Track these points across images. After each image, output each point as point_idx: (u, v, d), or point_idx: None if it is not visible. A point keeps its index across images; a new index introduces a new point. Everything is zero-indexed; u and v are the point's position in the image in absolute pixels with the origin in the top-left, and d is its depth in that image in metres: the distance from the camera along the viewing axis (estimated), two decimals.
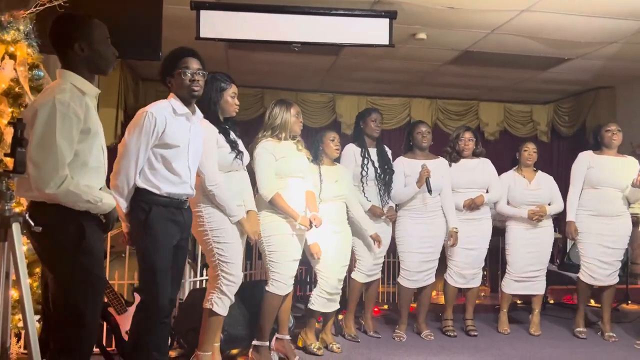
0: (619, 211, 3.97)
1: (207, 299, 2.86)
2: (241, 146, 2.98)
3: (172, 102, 2.51)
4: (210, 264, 2.92)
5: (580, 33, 4.53)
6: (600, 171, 3.97)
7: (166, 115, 2.45)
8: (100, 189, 2.08)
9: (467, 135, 4.12)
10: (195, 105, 2.60)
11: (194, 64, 2.52)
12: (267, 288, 3.19)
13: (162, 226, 2.42)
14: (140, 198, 2.42)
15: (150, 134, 2.39)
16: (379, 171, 3.85)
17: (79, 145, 1.93)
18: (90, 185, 1.98)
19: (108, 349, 3.06)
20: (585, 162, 4.04)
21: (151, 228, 2.40)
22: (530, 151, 4.20)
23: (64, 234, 1.89)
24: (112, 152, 2.38)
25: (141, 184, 2.42)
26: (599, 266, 3.99)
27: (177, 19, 3.97)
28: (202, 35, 3.70)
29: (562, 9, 4.00)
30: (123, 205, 2.41)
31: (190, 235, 2.74)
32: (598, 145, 4.10)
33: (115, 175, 2.41)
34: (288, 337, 3.37)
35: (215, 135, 2.84)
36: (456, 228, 3.92)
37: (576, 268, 4.27)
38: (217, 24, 3.73)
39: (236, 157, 2.88)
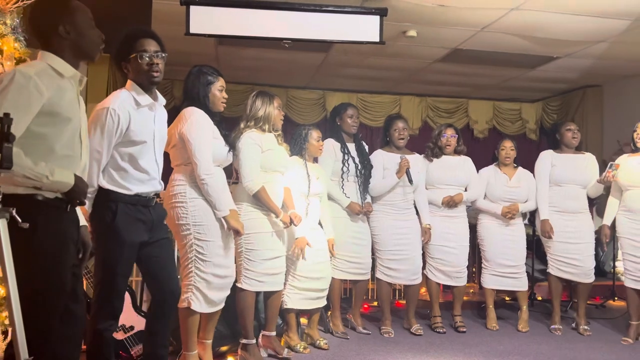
0: (581, 208, 4.08)
1: (182, 299, 2.71)
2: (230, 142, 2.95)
3: (133, 93, 2.30)
4: (183, 259, 2.78)
5: (568, 32, 4.57)
6: (563, 169, 4.06)
7: (129, 109, 2.27)
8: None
9: (449, 132, 4.16)
10: (156, 91, 2.41)
11: (151, 46, 2.31)
12: (238, 285, 3.11)
13: (128, 228, 2.28)
14: (106, 198, 2.27)
15: (114, 132, 2.23)
16: (359, 167, 3.84)
17: (44, 127, 1.79)
18: (40, 163, 1.77)
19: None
20: (548, 160, 4.13)
21: (116, 231, 2.26)
22: (507, 150, 4.24)
23: (18, 231, 1.68)
24: None
25: (106, 186, 2.27)
26: (567, 262, 4.08)
27: (166, 15, 3.95)
28: (191, 31, 3.67)
29: (551, 7, 4.03)
30: (86, 205, 2.23)
31: (164, 228, 2.54)
32: (557, 144, 4.15)
33: None
34: (274, 333, 3.33)
35: (211, 127, 2.79)
36: (429, 224, 3.96)
37: None
38: (207, 20, 3.70)
39: (229, 151, 2.84)
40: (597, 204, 5.01)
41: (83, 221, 2.12)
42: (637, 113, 5.90)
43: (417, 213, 4.03)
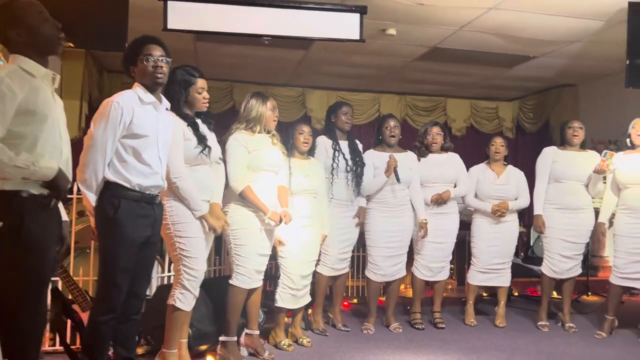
0: (583, 204, 4.08)
1: (171, 295, 2.82)
2: (211, 141, 2.92)
3: (138, 91, 2.44)
4: (172, 258, 2.87)
5: (545, 32, 4.64)
6: (564, 165, 4.08)
7: (133, 104, 2.37)
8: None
9: (435, 129, 4.18)
10: (161, 94, 2.54)
11: (156, 51, 2.45)
12: (230, 281, 3.16)
13: (131, 223, 2.35)
14: (110, 192, 2.34)
15: (118, 124, 2.31)
16: (350, 163, 3.86)
17: (24, 127, 1.86)
18: (21, 154, 1.86)
19: (72, 347, 2.98)
20: (549, 157, 4.14)
21: (119, 225, 2.32)
22: (497, 145, 4.27)
23: (3, 225, 1.81)
24: (76, 146, 2.30)
25: (111, 177, 2.34)
26: (560, 260, 4.10)
27: (143, 9, 3.88)
28: (169, 26, 3.62)
29: (528, 7, 4.08)
30: (92, 199, 2.34)
31: (160, 230, 2.67)
32: (562, 141, 4.21)
33: (82, 169, 2.32)
34: (257, 332, 3.35)
35: (182, 128, 2.79)
36: (425, 220, 3.97)
37: (540, 261, 4.38)
38: (185, 15, 3.66)
39: (202, 151, 2.83)
40: None
41: (64, 216, 2.18)
42: (612, 112, 6.05)
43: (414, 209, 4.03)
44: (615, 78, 6.08)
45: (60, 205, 2.14)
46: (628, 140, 3.97)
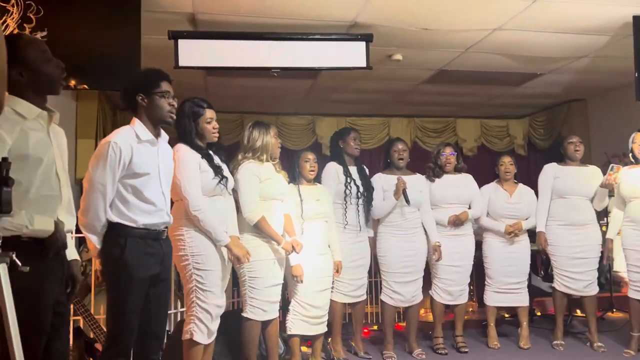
0: (587, 220, 4.07)
1: (185, 330, 2.77)
2: (226, 171, 2.97)
3: (137, 128, 2.37)
4: (186, 290, 2.83)
5: (551, 49, 4.67)
6: (566, 180, 4.08)
7: (131, 142, 2.31)
8: (56, 219, 1.93)
9: (448, 150, 4.19)
10: (160, 128, 2.48)
11: (171, 90, 2.42)
12: (244, 314, 3.14)
13: (139, 262, 2.29)
14: (115, 232, 2.28)
15: (117, 165, 2.26)
16: (361, 189, 3.87)
17: (15, 173, 1.69)
18: (19, 212, 1.77)
19: None
20: (550, 173, 4.15)
21: (126, 265, 2.26)
22: (506, 165, 4.27)
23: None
24: None
25: (115, 219, 2.28)
26: (573, 277, 4.06)
27: (155, 49, 3.99)
28: (180, 64, 3.72)
29: (532, 26, 4.13)
30: (96, 241, 2.28)
31: (171, 265, 2.65)
32: (562, 157, 4.21)
33: (83, 212, 2.28)
34: None
35: (197, 160, 2.83)
36: (439, 242, 3.95)
37: None
38: (195, 53, 3.75)
39: (220, 182, 2.86)
40: None
41: (73, 255, 2.11)
42: (622, 125, 6.02)
43: (426, 232, 4.01)
44: (625, 91, 6.08)
45: (70, 243, 2.07)
46: (631, 155, 3.96)
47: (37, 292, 1.84)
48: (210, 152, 2.96)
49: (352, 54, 3.91)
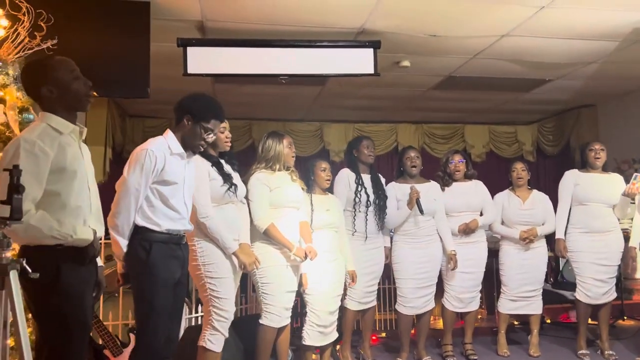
0: (609, 227, 4.00)
1: (201, 337, 2.84)
2: (236, 179, 3.00)
3: (170, 141, 2.51)
4: (203, 299, 2.90)
5: (559, 55, 4.66)
6: (587, 187, 4.02)
7: (165, 152, 2.46)
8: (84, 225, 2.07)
9: (457, 157, 4.17)
10: None
11: (216, 129, 2.58)
12: (260, 321, 3.17)
13: (164, 264, 2.38)
14: (140, 236, 2.38)
15: (151, 171, 2.39)
16: (373, 197, 3.86)
17: (55, 185, 1.94)
18: (63, 221, 1.96)
19: None
20: (571, 180, 4.10)
21: (153, 267, 2.35)
22: (518, 171, 4.24)
23: (40, 275, 1.85)
24: (101, 189, 2.35)
25: (140, 222, 2.39)
26: (594, 284, 4.00)
27: (164, 56, 4.02)
28: (189, 71, 3.74)
29: (540, 32, 4.12)
30: (123, 244, 2.37)
31: (187, 270, 2.71)
32: (584, 164, 4.17)
33: (115, 215, 2.37)
34: None
35: (207, 168, 2.87)
36: (454, 251, 3.93)
37: (571, 286, 4.28)
38: (203, 60, 3.78)
39: (228, 189, 2.88)
40: None
41: (100, 261, 2.25)
42: (632, 130, 5.99)
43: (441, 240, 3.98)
44: (635, 96, 6.05)
45: None
46: None
47: (82, 294, 2.02)
48: (222, 160, 2.99)
49: (360, 61, 3.92)
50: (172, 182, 2.44)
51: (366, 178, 3.92)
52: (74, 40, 3.18)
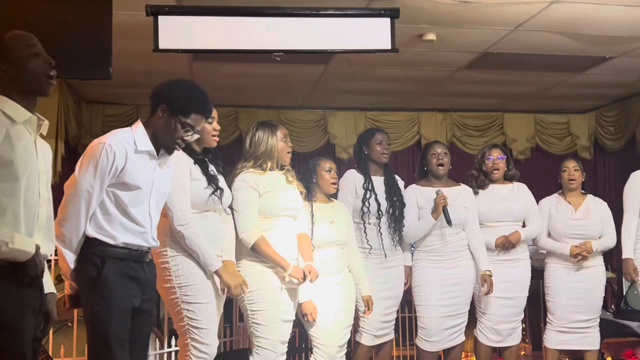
0: None
1: None
2: (222, 183, 3.00)
3: (137, 135, 2.49)
4: (178, 330, 2.89)
5: (623, 26, 4.65)
6: None
7: (127, 148, 2.43)
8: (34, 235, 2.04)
9: (495, 153, 4.18)
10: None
11: (198, 126, 2.55)
12: (250, 357, 3.16)
13: (118, 285, 2.37)
14: (90, 250, 2.38)
15: (107, 171, 2.37)
16: (386, 205, 3.86)
17: None
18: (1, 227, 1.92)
19: None
20: (638, 184, 4.09)
21: (104, 288, 2.35)
22: (570, 171, 4.25)
23: None
24: (53, 193, 2.34)
25: (92, 233, 2.38)
26: None
27: (130, 28, 4.03)
28: (161, 46, 3.73)
29: None
30: (70, 259, 2.38)
31: (155, 295, 2.71)
32: None
33: (61, 223, 2.37)
34: None
35: (189, 166, 2.86)
36: (490, 271, 3.92)
37: (637, 315, 4.27)
38: (179, 32, 3.77)
39: (213, 193, 2.89)
40: None
41: (50, 287, 2.21)
42: None
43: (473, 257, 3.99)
44: None
45: (47, 273, 2.17)
46: None
47: (17, 323, 1.95)
48: (206, 158, 3.00)
49: (374, 34, 3.91)
50: (133, 186, 2.42)
51: (378, 181, 3.92)
52: (19, 10, 3.19)
